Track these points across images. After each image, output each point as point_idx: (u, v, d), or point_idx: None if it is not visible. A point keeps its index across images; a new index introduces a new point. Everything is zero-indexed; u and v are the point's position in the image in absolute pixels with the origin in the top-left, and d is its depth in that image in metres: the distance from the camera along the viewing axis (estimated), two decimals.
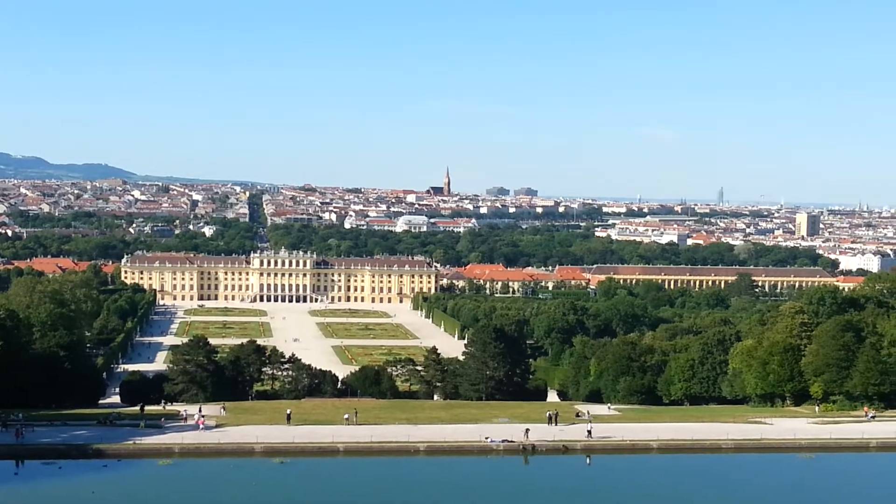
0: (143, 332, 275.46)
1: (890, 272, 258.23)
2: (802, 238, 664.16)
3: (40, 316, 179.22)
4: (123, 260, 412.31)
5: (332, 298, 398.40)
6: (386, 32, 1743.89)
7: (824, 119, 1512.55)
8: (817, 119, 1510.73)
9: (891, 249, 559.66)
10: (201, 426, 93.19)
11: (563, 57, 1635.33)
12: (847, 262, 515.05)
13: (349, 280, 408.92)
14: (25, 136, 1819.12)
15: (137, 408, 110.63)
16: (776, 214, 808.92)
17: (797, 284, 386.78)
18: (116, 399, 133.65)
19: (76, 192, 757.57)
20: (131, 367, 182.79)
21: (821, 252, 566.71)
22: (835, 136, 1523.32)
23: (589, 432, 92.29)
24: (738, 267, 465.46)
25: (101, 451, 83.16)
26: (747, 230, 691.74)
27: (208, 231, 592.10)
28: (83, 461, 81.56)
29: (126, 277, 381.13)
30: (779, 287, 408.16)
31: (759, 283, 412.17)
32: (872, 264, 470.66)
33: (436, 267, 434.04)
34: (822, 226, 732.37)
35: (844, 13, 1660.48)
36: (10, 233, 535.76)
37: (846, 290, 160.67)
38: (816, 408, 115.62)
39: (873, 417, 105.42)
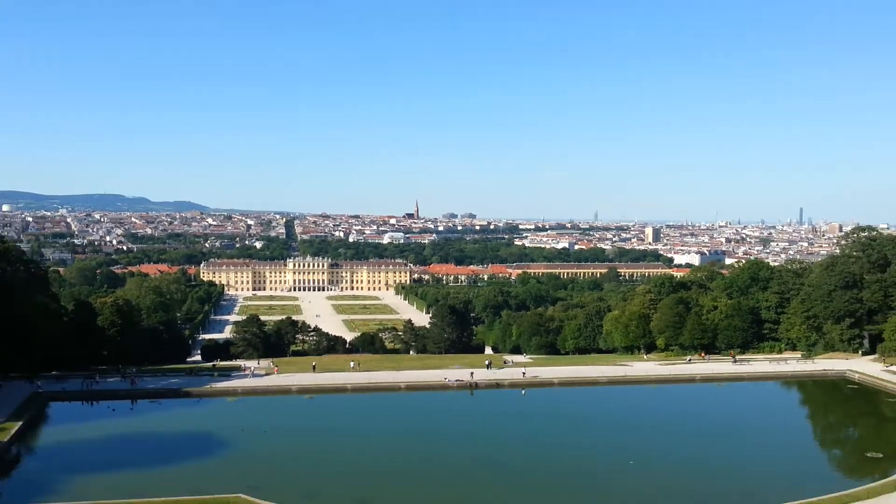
0: (215, 313, 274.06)
1: (706, 265, 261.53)
2: (650, 244, 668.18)
3: (146, 303, 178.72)
4: (202, 265, 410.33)
5: (342, 288, 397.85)
6: (371, 107, 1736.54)
7: (661, 161, 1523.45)
8: (658, 160, 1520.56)
9: (706, 250, 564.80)
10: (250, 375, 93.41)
11: (489, 127, 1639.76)
12: (678, 259, 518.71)
13: (353, 276, 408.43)
14: (135, 180, 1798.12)
15: (213, 363, 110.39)
16: (632, 228, 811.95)
17: (646, 274, 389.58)
18: (198, 357, 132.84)
19: (169, 220, 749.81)
20: (208, 336, 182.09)
21: (661, 252, 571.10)
22: (669, 174, 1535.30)
23: (524, 373, 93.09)
24: (608, 263, 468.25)
25: (188, 393, 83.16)
26: (614, 239, 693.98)
27: (258, 245, 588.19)
28: (176, 399, 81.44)
29: (204, 276, 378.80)
30: (635, 276, 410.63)
31: (622, 274, 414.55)
32: (695, 260, 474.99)
33: (410, 266, 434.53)
34: (662, 235, 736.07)
35: (672, 67, 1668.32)
36: (125, 248, 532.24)
37: (678, 277, 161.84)
38: (646, 356, 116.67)
39: (689, 361, 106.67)
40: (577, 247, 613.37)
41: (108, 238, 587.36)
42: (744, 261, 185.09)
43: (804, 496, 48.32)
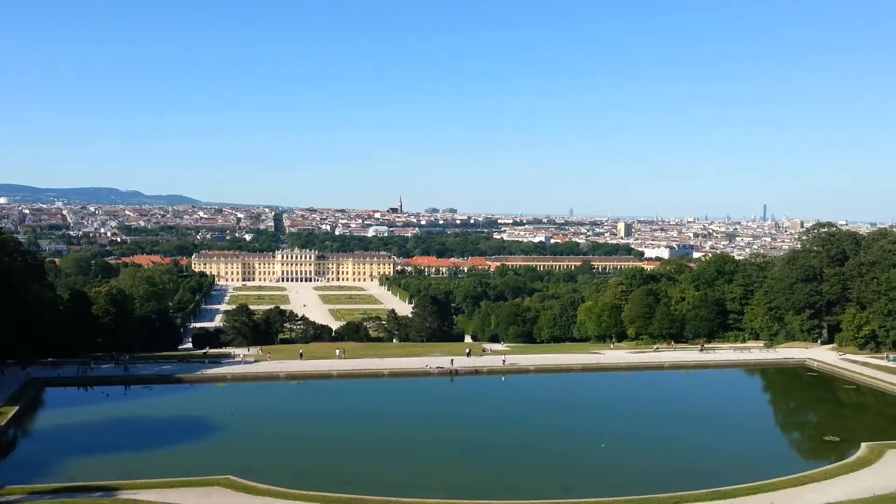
0: (206, 302, 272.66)
1: (675, 259, 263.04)
2: (622, 238, 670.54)
3: (139, 292, 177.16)
4: (193, 256, 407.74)
5: (328, 279, 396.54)
6: (358, 106, 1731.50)
7: (633, 160, 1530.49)
8: (630, 160, 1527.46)
9: (675, 244, 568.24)
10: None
11: (470, 125, 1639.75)
12: (649, 253, 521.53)
13: (339, 267, 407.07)
14: (128, 175, 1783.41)
15: (203, 350, 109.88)
16: (605, 223, 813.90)
17: (618, 267, 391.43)
18: (189, 345, 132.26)
19: (162, 213, 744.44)
20: (199, 325, 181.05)
21: (633, 246, 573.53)
22: (641, 172, 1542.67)
23: (503, 361, 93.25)
24: (582, 256, 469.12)
25: (180, 379, 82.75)
26: (588, 234, 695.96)
27: (248, 237, 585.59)
28: (168, 385, 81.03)
29: (195, 267, 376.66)
30: (607, 269, 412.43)
31: (595, 267, 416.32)
32: (664, 254, 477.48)
33: (393, 258, 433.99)
34: (633, 230, 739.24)
35: (645, 66, 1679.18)
36: (118, 239, 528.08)
37: (648, 270, 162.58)
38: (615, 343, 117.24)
39: (657, 349, 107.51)
40: (552, 241, 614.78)
41: (102, 230, 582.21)
42: (710, 255, 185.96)
43: (766, 477, 48.75)
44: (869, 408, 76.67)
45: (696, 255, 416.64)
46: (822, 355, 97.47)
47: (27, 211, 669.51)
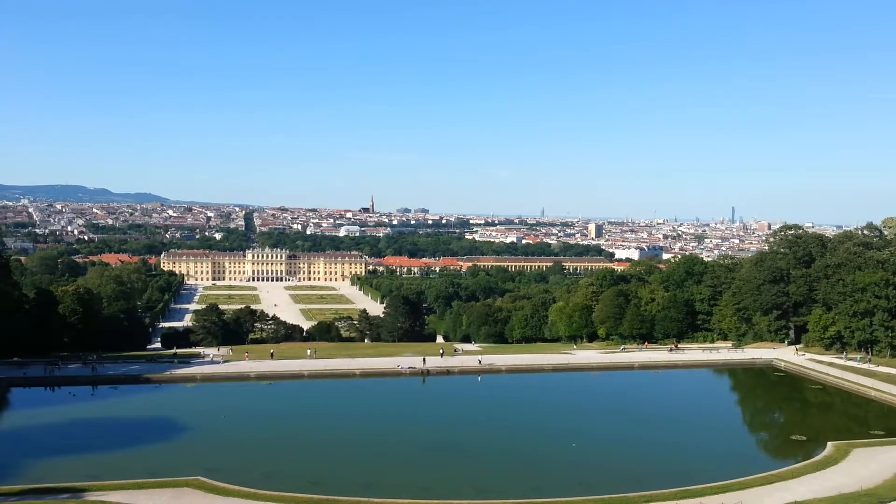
0: (175, 302, 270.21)
1: (645, 260, 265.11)
2: (592, 239, 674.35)
3: (107, 292, 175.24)
4: (162, 255, 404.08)
5: (300, 279, 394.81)
6: (329, 105, 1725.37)
7: (604, 162, 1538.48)
8: (601, 161, 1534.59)
9: (645, 246, 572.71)
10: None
11: (441, 125, 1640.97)
12: (619, 254, 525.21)
13: (310, 267, 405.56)
14: (96, 172, 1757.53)
15: (172, 350, 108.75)
16: (576, 225, 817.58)
17: (589, 268, 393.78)
18: (158, 345, 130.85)
19: (130, 211, 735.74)
20: (168, 324, 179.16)
21: (603, 247, 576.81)
22: (612, 174, 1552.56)
23: (479, 361, 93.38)
24: (553, 257, 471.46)
25: (148, 379, 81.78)
26: (559, 234, 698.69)
27: (218, 236, 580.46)
28: (136, 385, 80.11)
29: (164, 266, 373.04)
30: (578, 269, 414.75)
31: (566, 267, 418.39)
32: (634, 255, 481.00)
33: (365, 258, 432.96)
34: (604, 231, 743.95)
35: (619, 72, 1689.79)
36: (86, 238, 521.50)
37: (618, 271, 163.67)
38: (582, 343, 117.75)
39: (623, 348, 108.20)
40: (524, 241, 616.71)
41: (69, 228, 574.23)
42: (680, 256, 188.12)
43: (734, 476, 49.26)
44: (835, 407, 77.78)
45: (665, 256, 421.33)
46: (789, 356, 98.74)
47: None
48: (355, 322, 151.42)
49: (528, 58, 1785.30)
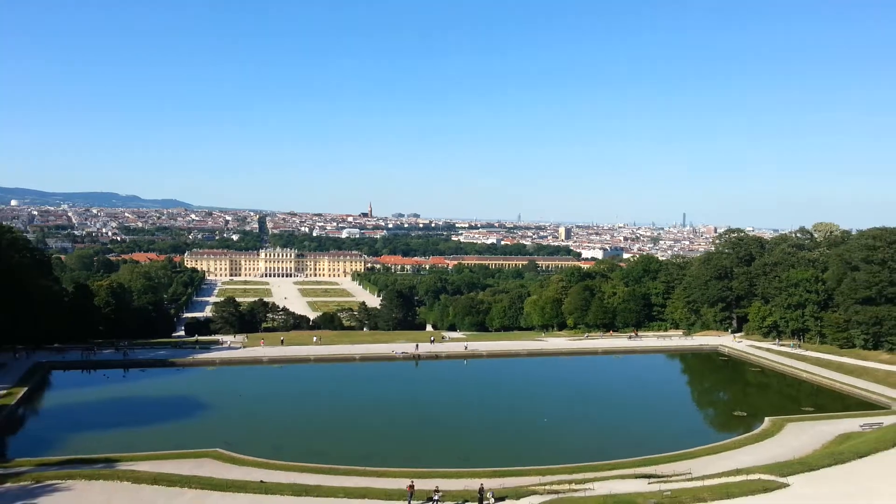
0: (197, 295, 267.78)
1: (608, 259, 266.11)
2: (562, 241, 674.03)
3: (137, 286, 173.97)
4: (186, 254, 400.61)
5: (307, 275, 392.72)
6: (333, 120, 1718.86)
7: (573, 173, 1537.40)
8: (570, 172, 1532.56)
9: (608, 246, 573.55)
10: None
11: (431, 141, 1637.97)
12: (586, 253, 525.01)
13: (316, 264, 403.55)
14: (128, 181, 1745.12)
15: (194, 338, 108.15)
16: (549, 228, 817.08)
17: (560, 266, 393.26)
18: (182, 333, 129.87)
19: (158, 215, 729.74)
20: (190, 315, 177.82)
21: (572, 248, 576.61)
22: (580, 183, 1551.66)
23: (465, 347, 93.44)
24: (528, 256, 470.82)
25: (173, 363, 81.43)
26: (533, 236, 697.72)
27: (235, 237, 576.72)
28: (163, 368, 79.59)
29: (188, 264, 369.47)
30: (550, 267, 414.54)
31: (540, 265, 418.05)
32: (599, 254, 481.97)
33: (364, 257, 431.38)
34: (573, 234, 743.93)
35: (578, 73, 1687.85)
36: (118, 239, 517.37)
37: (585, 268, 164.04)
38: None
39: (587, 336, 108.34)
40: (503, 242, 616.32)
41: (104, 230, 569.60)
42: (638, 256, 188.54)
43: (685, 447, 49.54)
44: (771, 387, 78.28)
45: (625, 255, 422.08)
46: (732, 342, 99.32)
47: (35, 212, 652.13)
48: (355, 313, 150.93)
49: (509, 79, 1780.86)
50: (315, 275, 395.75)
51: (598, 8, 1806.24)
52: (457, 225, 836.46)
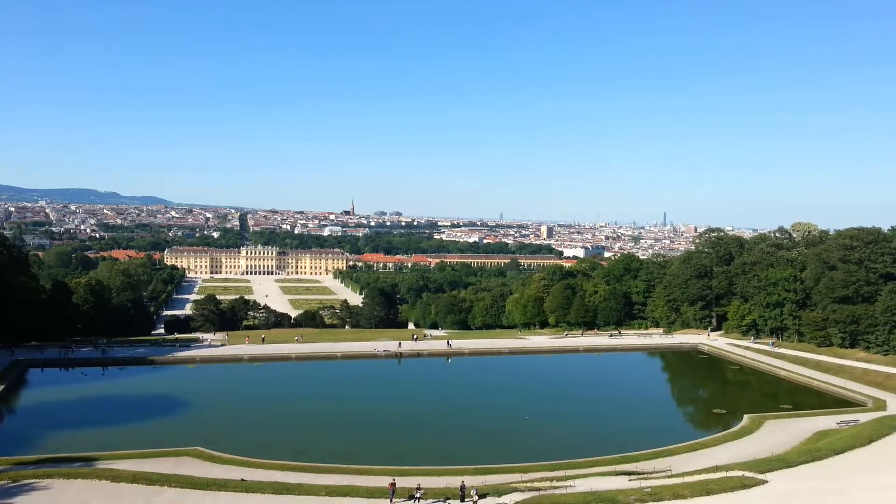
0: (177, 292, 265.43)
1: (589, 258, 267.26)
2: (544, 239, 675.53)
3: (116, 283, 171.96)
4: (166, 251, 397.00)
5: (288, 273, 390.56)
6: (315, 118, 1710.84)
7: (555, 171, 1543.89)
8: (552, 171, 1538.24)
9: (589, 245, 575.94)
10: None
11: (415, 138, 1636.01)
12: (567, 252, 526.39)
13: (297, 262, 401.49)
14: (107, 177, 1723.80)
15: (174, 336, 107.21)
16: (531, 227, 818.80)
17: (541, 264, 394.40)
18: (162, 331, 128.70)
19: (137, 212, 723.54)
20: (170, 313, 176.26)
21: (554, 247, 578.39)
22: (562, 182, 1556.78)
23: (449, 344, 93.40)
24: (510, 255, 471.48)
25: (153, 361, 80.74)
26: (515, 235, 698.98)
27: (216, 235, 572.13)
28: (142, 366, 78.96)
29: (167, 261, 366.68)
30: (532, 266, 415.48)
31: (522, 264, 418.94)
32: (580, 253, 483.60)
33: (346, 255, 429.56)
34: (554, 232, 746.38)
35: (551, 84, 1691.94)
36: (97, 236, 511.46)
37: (567, 267, 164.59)
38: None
39: (567, 334, 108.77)
40: (485, 241, 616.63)
41: (82, 227, 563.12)
42: (619, 254, 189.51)
43: (664, 444, 49.92)
44: (750, 385, 79.05)
45: (607, 254, 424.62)
46: (711, 341, 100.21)
47: (12, 209, 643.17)
48: (337, 311, 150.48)
49: (491, 79, 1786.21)
50: (297, 273, 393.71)
51: (573, 7, 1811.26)
52: (439, 223, 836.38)
